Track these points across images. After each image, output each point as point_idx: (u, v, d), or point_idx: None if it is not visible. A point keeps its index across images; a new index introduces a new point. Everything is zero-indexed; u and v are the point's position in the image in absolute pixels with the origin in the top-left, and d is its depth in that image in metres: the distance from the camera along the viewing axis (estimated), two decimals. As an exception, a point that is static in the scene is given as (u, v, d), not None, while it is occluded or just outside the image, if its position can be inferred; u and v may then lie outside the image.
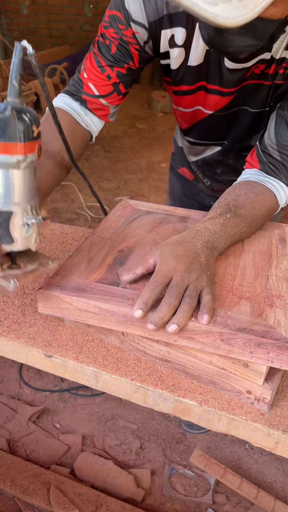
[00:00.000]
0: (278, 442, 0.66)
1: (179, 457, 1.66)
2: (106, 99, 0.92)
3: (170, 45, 0.86)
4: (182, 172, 1.38)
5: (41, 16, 6.44)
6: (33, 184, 0.63)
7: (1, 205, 0.60)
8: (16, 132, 0.56)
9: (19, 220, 0.61)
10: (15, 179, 0.60)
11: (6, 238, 0.62)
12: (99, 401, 1.86)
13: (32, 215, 0.62)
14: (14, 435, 1.70)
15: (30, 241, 0.64)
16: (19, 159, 0.57)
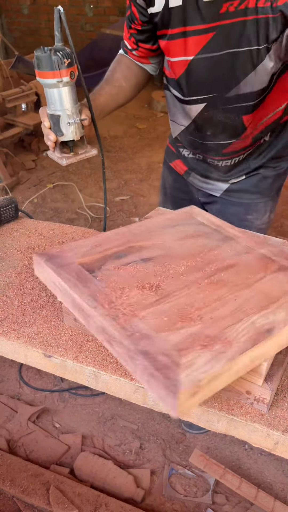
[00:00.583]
0: (278, 443, 0.66)
1: (178, 457, 1.66)
2: (137, 52, 1.15)
3: None
4: (174, 166, 1.40)
5: (42, 16, 6.43)
6: (71, 97, 0.96)
7: (53, 111, 0.97)
8: (53, 64, 0.90)
9: (65, 120, 0.97)
10: (59, 94, 0.95)
11: (59, 132, 0.99)
12: (99, 401, 1.86)
13: (73, 117, 0.97)
14: (14, 435, 1.70)
15: (72, 134, 0.99)
16: (58, 80, 0.92)
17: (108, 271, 0.72)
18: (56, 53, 0.90)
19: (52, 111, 0.97)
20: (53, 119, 0.98)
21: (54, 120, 0.98)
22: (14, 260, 1.02)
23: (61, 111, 0.97)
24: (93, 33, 6.14)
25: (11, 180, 3.52)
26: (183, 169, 1.37)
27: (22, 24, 6.62)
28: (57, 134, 1.00)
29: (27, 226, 1.17)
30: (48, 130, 1.01)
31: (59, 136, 1.00)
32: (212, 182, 1.32)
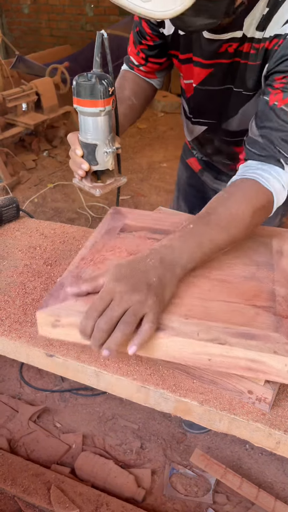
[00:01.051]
0: (279, 442, 0.66)
1: (179, 457, 1.66)
2: (144, 68, 1.13)
3: None
4: (190, 163, 1.42)
5: (42, 16, 6.43)
6: (109, 126, 0.92)
7: (90, 139, 0.92)
8: (98, 93, 0.85)
9: (101, 149, 0.92)
10: (98, 123, 0.90)
11: (93, 161, 0.94)
12: (99, 400, 1.86)
13: (109, 146, 0.93)
14: (15, 434, 1.70)
15: (108, 163, 0.95)
16: (101, 110, 0.88)
17: (133, 236, 0.87)
18: (101, 81, 0.85)
19: (87, 139, 0.92)
20: (88, 148, 0.93)
21: (89, 149, 0.93)
22: (16, 260, 1.02)
23: (98, 140, 0.92)
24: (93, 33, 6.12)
25: (11, 179, 3.52)
26: (198, 167, 1.39)
27: (22, 23, 6.62)
28: (91, 163, 0.94)
29: (28, 225, 1.17)
30: (81, 158, 0.94)
31: (92, 166, 0.94)
32: (222, 183, 1.33)
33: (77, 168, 0.95)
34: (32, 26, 6.57)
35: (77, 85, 0.87)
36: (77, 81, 0.86)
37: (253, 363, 0.60)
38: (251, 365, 0.60)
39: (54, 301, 0.68)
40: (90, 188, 0.97)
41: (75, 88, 0.87)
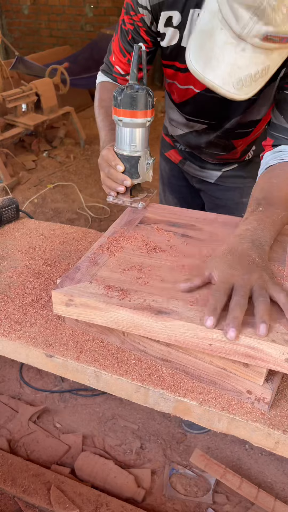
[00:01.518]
0: (278, 442, 0.66)
1: (179, 457, 1.66)
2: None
3: (166, 24, 0.98)
4: (169, 156, 1.47)
5: (42, 16, 6.43)
6: (148, 136, 0.94)
7: (134, 152, 0.93)
8: (147, 103, 0.88)
9: (143, 161, 0.94)
10: (143, 134, 0.92)
11: (135, 174, 0.95)
12: (99, 401, 1.86)
13: (150, 157, 0.95)
14: (15, 435, 1.70)
15: (148, 175, 0.97)
16: (148, 120, 0.91)
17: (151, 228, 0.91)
18: (149, 92, 0.88)
19: (131, 152, 0.93)
20: (131, 161, 0.94)
21: (132, 162, 0.94)
22: (15, 260, 1.02)
23: (141, 151, 0.93)
24: (93, 33, 6.14)
25: (11, 180, 3.53)
26: (177, 158, 1.43)
27: (22, 24, 6.63)
28: (132, 177, 0.95)
29: (28, 226, 1.18)
30: (122, 174, 0.95)
31: (134, 179, 0.95)
32: (206, 171, 1.38)
33: (117, 185, 0.95)
34: (32, 27, 6.58)
35: (126, 97, 0.87)
36: (125, 93, 0.87)
37: (252, 350, 0.61)
38: (250, 352, 0.62)
39: (69, 282, 0.73)
40: (132, 202, 0.97)
41: (122, 99, 0.87)
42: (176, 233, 0.89)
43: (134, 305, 0.67)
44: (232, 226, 0.92)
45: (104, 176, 0.98)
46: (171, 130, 1.33)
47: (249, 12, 0.68)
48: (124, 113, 0.89)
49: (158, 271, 0.76)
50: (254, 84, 0.76)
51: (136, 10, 0.98)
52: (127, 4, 1.00)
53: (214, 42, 0.75)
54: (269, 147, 0.99)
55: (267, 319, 0.61)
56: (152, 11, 0.97)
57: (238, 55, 0.74)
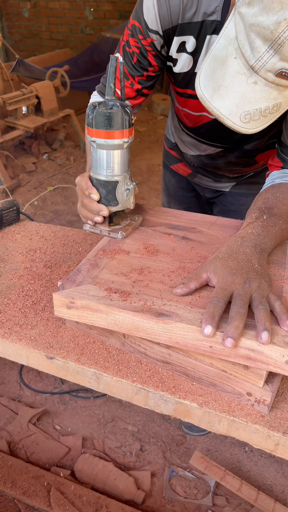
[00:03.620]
0: (278, 444, 0.66)
1: (179, 459, 1.66)
2: (130, 101, 1.04)
3: (179, 50, 0.92)
4: (175, 169, 1.41)
5: (42, 19, 6.45)
6: (128, 159, 0.84)
7: (110, 177, 0.83)
8: (123, 122, 0.78)
9: (122, 187, 0.84)
10: (120, 156, 0.82)
11: (113, 201, 0.85)
12: (99, 403, 1.87)
13: (130, 182, 0.85)
14: (15, 437, 1.70)
15: (129, 202, 0.86)
16: (125, 141, 0.81)
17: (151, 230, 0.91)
18: (125, 109, 0.78)
19: (108, 177, 0.83)
20: (108, 187, 0.84)
21: (109, 187, 0.84)
22: (16, 263, 1.03)
23: (120, 176, 0.83)
24: (93, 36, 6.16)
25: (11, 182, 3.53)
26: (186, 171, 1.38)
27: (22, 27, 6.65)
28: (110, 205, 0.85)
29: (28, 228, 1.18)
30: (97, 204, 0.85)
31: (112, 207, 0.86)
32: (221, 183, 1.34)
33: (93, 215, 0.87)
34: (32, 30, 6.60)
35: (99, 115, 0.77)
36: (98, 110, 0.77)
37: (253, 352, 0.62)
38: (251, 355, 0.62)
39: (70, 284, 0.74)
40: (110, 232, 0.88)
41: (95, 118, 0.77)
42: (176, 235, 0.90)
43: (135, 308, 0.68)
44: (232, 228, 0.93)
45: (80, 206, 0.90)
46: (182, 147, 1.28)
47: (266, 45, 0.65)
48: (97, 134, 0.79)
49: (159, 273, 0.77)
50: (263, 119, 0.73)
51: (146, 34, 0.91)
52: (133, 26, 0.93)
53: (226, 70, 0.72)
54: (276, 167, 0.97)
55: (268, 326, 0.61)
56: (164, 36, 0.91)
57: (249, 87, 0.70)
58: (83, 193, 0.87)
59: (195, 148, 1.20)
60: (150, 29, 0.90)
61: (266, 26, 0.64)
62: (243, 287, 0.67)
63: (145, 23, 0.89)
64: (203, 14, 0.85)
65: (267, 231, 0.80)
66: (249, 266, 0.71)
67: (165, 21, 0.88)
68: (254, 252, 0.74)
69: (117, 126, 0.78)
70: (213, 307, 0.64)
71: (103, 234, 0.88)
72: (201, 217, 0.98)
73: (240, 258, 0.72)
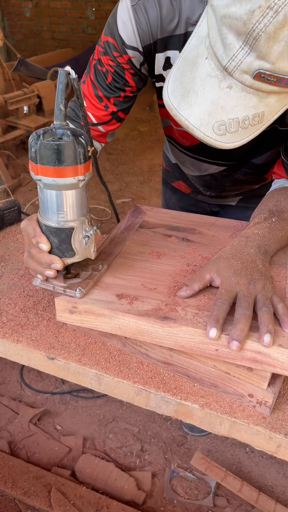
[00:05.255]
0: (280, 446, 0.66)
1: (180, 460, 1.66)
2: (104, 127, 0.93)
3: (165, 67, 0.84)
4: (177, 186, 1.35)
5: (44, 19, 6.46)
6: (87, 199, 0.68)
7: (63, 223, 0.66)
8: (76, 156, 0.61)
9: (79, 234, 0.67)
10: (75, 198, 0.65)
11: (68, 252, 0.68)
12: (100, 403, 1.86)
13: (89, 227, 0.68)
14: (15, 437, 1.70)
15: (89, 251, 0.70)
16: (79, 179, 0.63)
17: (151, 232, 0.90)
18: (78, 139, 0.61)
19: (60, 223, 0.66)
20: (60, 235, 0.67)
21: (62, 236, 0.67)
22: (17, 263, 1.03)
23: (76, 221, 0.66)
24: (94, 36, 6.17)
25: (12, 182, 3.53)
26: (188, 190, 1.31)
27: (24, 27, 6.65)
28: (65, 256, 0.69)
29: (30, 228, 1.18)
30: (48, 255, 0.68)
31: (67, 258, 0.69)
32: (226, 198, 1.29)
33: (43, 269, 0.69)
34: (34, 29, 6.60)
35: (44, 148, 0.60)
36: (42, 142, 0.59)
37: (259, 355, 0.61)
38: (257, 357, 0.62)
39: None
40: (66, 289, 0.70)
41: (39, 152, 0.60)
42: (177, 237, 0.89)
43: (139, 312, 0.67)
44: (232, 229, 0.92)
45: (26, 257, 0.71)
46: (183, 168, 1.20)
47: (240, 40, 0.54)
48: (43, 171, 0.62)
49: (162, 276, 0.76)
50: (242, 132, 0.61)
51: (122, 51, 0.81)
52: (106, 43, 0.82)
53: (195, 73, 0.60)
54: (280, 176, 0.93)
55: (271, 328, 0.61)
56: (145, 53, 0.81)
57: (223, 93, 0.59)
58: (31, 241, 0.70)
59: (196, 169, 1.13)
60: (127, 45, 0.80)
61: (239, 16, 0.52)
62: (248, 288, 0.66)
63: (121, 39, 0.80)
64: (186, 24, 0.75)
65: (273, 234, 0.78)
66: (253, 267, 0.70)
67: (144, 36, 0.78)
68: (258, 253, 0.73)
69: (68, 162, 0.61)
70: (218, 309, 0.63)
71: (57, 291, 0.71)
72: (200, 218, 0.97)
73: (245, 258, 0.71)
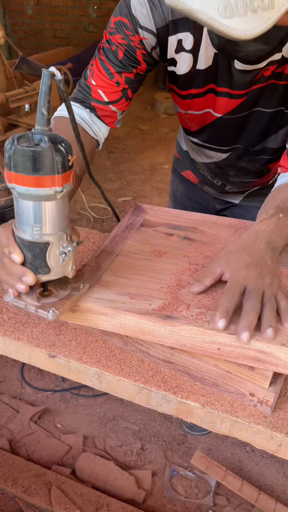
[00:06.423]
0: (281, 445, 0.66)
1: (180, 459, 1.66)
2: (115, 105, 0.92)
3: (177, 50, 0.85)
4: (186, 175, 1.37)
5: (45, 17, 6.45)
6: (67, 212, 0.62)
7: (37, 236, 0.60)
8: (54, 165, 0.55)
9: (55, 249, 0.62)
10: (51, 210, 0.60)
11: (43, 268, 0.63)
12: (100, 401, 1.87)
13: (68, 243, 0.62)
14: (16, 435, 1.70)
15: (66, 269, 0.64)
16: (57, 191, 0.57)
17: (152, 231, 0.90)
18: (57, 147, 0.56)
19: (34, 236, 0.60)
20: (35, 249, 0.61)
21: (36, 250, 0.61)
22: (18, 261, 1.03)
23: (52, 235, 0.61)
24: (96, 34, 6.16)
25: (14, 180, 3.53)
26: (196, 179, 1.34)
27: (25, 24, 6.64)
28: (38, 272, 0.63)
29: (31, 226, 1.17)
30: (20, 267, 0.62)
31: (41, 275, 0.63)
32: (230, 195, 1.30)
33: (14, 282, 0.63)
34: (35, 27, 6.59)
35: (18, 154, 0.55)
36: (16, 148, 0.55)
37: (262, 354, 0.61)
38: (260, 356, 0.62)
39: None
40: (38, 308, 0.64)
41: (13, 158, 0.55)
42: (178, 236, 0.89)
43: (141, 310, 0.67)
44: (233, 228, 0.92)
45: None
46: (192, 155, 1.23)
47: None
48: (17, 179, 0.56)
49: (164, 275, 0.76)
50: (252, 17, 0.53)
51: (134, 30, 0.82)
52: (117, 23, 0.83)
53: None
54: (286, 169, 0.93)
55: (274, 324, 0.61)
56: (159, 36, 0.82)
57: None
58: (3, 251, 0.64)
59: (204, 155, 1.15)
60: (142, 26, 0.81)
61: None
62: (257, 282, 0.67)
63: (135, 19, 0.81)
64: None
65: (281, 230, 0.78)
66: (262, 262, 0.70)
67: (158, 18, 0.80)
68: (267, 249, 0.73)
69: (44, 171, 0.55)
70: (228, 301, 0.64)
71: (29, 310, 0.65)
72: (201, 216, 0.97)
73: (254, 253, 0.72)
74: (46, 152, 0.55)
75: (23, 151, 0.55)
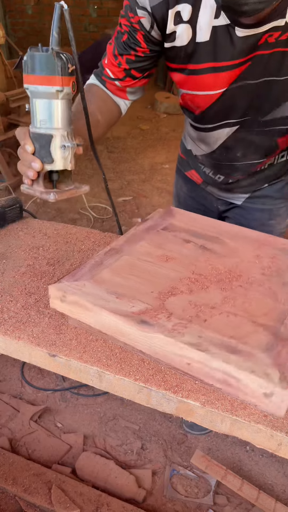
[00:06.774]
0: (281, 444, 0.66)
1: (180, 458, 1.66)
2: (120, 82, 1.02)
3: (176, 21, 0.87)
4: (190, 175, 1.36)
5: (46, 16, 6.45)
6: (69, 114, 0.77)
7: (43, 129, 0.75)
8: (55, 67, 0.71)
9: (58, 142, 0.76)
10: (55, 107, 0.74)
11: (47, 157, 0.77)
12: (100, 401, 1.87)
13: (68, 140, 0.77)
14: (16, 434, 1.70)
15: (67, 162, 0.78)
16: (58, 90, 0.72)
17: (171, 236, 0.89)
18: (59, 54, 0.72)
19: (41, 129, 0.76)
20: (41, 141, 0.77)
21: (42, 141, 0.77)
22: (19, 260, 1.03)
23: (54, 130, 0.76)
24: (96, 34, 6.16)
25: (14, 180, 3.53)
26: (200, 179, 1.34)
27: (26, 24, 6.64)
28: (44, 161, 0.78)
29: (31, 226, 1.18)
30: (31, 155, 0.79)
31: (46, 164, 0.78)
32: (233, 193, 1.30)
33: (26, 169, 0.80)
34: (36, 27, 6.59)
35: (29, 58, 0.71)
36: (30, 53, 0.71)
37: (230, 378, 0.59)
38: (228, 380, 0.60)
39: (69, 278, 0.74)
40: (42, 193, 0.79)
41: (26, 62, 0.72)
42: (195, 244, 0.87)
43: (122, 311, 0.66)
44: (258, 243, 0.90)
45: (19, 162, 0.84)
46: (195, 150, 1.24)
47: None
48: (28, 79, 0.73)
49: (160, 280, 0.75)
50: None
51: (135, 11, 0.88)
52: (125, 7, 0.90)
53: None
54: None
55: None
56: (154, 13, 0.86)
57: None
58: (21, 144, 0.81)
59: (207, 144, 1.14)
60: (139, 6, 0.87)
61: None
62: None
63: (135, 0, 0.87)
64: None
65: None
66: None
67: None
68: None
69: (47, 71, 0.71)
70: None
71: (36, 194, 0.80)
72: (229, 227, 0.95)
73: None
74: (49, 56, 0.71)
75: (31, 55, 0.71)
